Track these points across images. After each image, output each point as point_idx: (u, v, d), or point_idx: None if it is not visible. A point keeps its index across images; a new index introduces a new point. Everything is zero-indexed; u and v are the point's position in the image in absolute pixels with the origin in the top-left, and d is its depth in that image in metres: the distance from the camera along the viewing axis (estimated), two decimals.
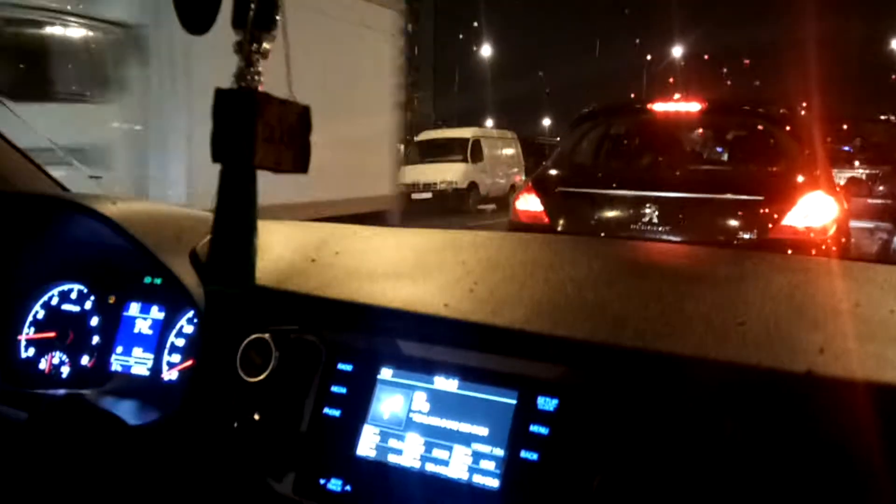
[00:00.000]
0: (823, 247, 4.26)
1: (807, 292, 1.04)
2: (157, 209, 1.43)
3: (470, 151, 19.17)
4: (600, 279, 1.15)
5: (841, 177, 6.79)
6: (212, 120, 0.90)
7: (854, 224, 5.84)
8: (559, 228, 4.74)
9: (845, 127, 8.49)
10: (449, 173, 18.60)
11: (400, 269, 1.25)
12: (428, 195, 18.26)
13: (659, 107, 5.41)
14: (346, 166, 8.08)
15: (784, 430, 0.83)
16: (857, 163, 8.01)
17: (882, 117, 9.56)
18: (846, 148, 8.47)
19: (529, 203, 4.93)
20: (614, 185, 4.81)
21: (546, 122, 57.75)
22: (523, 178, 19.19)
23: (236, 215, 0.95)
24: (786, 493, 0.81)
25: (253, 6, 0.87)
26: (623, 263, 1.25)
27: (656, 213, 4.49)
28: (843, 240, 4.50)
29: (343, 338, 1.11)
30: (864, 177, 7.59)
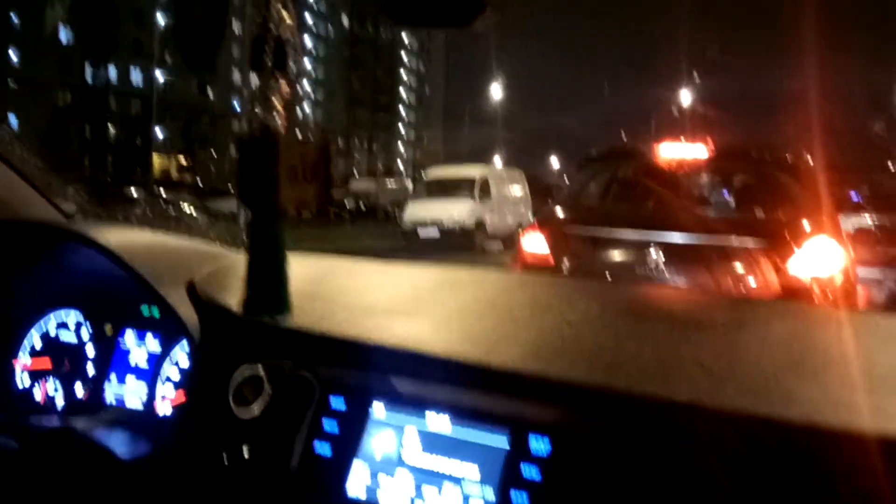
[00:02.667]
0: (830, 295, 4.23)
1: (805, 341, 1.03)
2: (155, 240, 1.43)
3: (478, 189, 19.23)
4: (597, 321, 1.14)
5: (849, 224, 6.79)
6: (238, 167, 0.92)
7: (861, 272, 5.82)
8: (564, 271, 4.74)
9: (852, 175, 8.52)
10: (456, 211, 18.64)
11: (396, 305, 1.25)
12: (435, 233, 18.30)
13: (666, 150, 5.43)
14: None
15: (780, 480, 0.82)
16: (864, 211, 8.01)
17: (890, 166, 9.58)
18: (855, 196, 8.48)
19: (535, 244, 4.93)
20: (620, 227, 4.80)
21: (554, 161, 58.10)
22: (531, 217, 19.25)
23: (269, 252, 0.98)
24: None
25: (268, 49, 0.89)
26: (620, 306, 1.24)
27: (661, 256, 4.48)
28: (851, 289, 4.47)
29: (336, 373, 1.11)
30: (871, 226, 7.58)
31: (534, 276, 1.52)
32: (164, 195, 22.63)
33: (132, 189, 21.90)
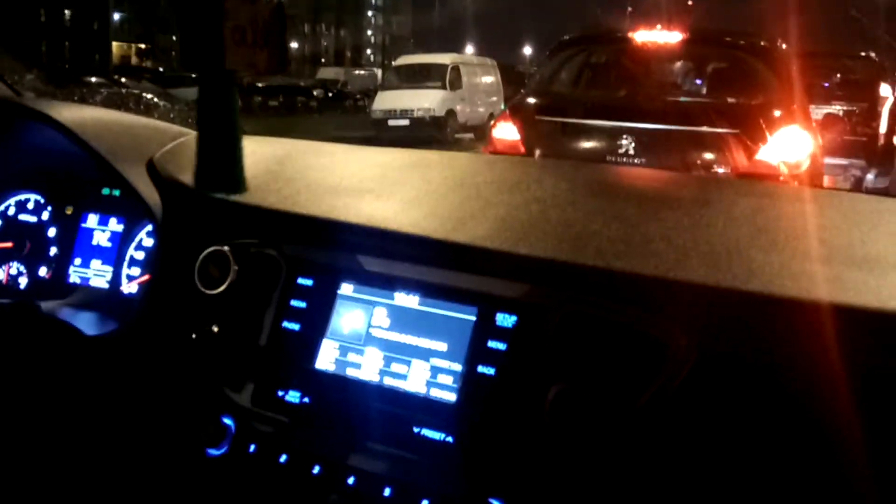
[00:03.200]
0: (796, 182, 4.28)
1: (769, 215, 1.04)
2: (111, 117, 1.38)
3: (448, 78, 18.85)
4: (565, 199, 1.13)
5: (818, 113, 6.79)
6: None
7: (828, 161, 5.87)
8: (536, 158, 4.72)
9: (824, 62, 8.44)
10: (427, 100, 18.31)
11: (363, 184, 1.23)
12: (405, 122, 18.02)
13: (640, 36, 5.32)
14: None
15: (739, 350, 0.84)
16: (834, 100, 7.98)
17: (862, 54, 9.51)
18: (825, 83, 8.43)
19: (507, 132, 4.88)
20: (592, 115, 4.77)
21: (527, 50, 56.91)
22: (503, 107, 19.01)
23: (219, 121, 0.92)
24: (740, 412, 0.83)
25: None
26: (589, 185, 1.24)
27: (633, 144, 4.47)
28: (817, 176, 4.53)
29: (303, 252, 1.10)
30: (841, 113, 7.58)
31: (502, 156, 1.50)
32: (124, 82, 21.88)
33: (91, 77, 21.13)
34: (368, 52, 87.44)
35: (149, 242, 1.36)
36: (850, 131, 7.16)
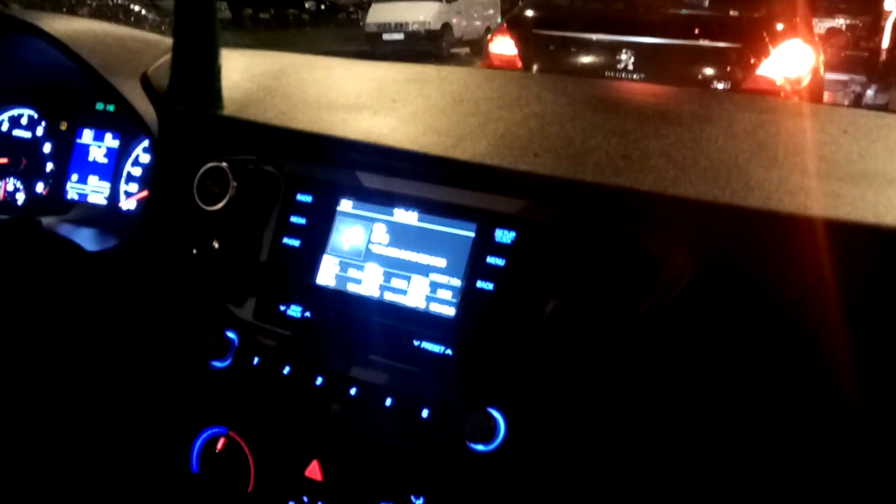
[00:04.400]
0: (797, 98, 4.24)
1: (769, 131, 1.03)
2: (104, 28, 1.35)
3: None
4: (565, 115, 1.13)
5: (821, 26, 6.66)
6: None
7: (829, 76, 5.79)
8: (533, 72, 4.65)
9: None
10: (422, 13, 17.85)
11: (361, 100, 1.22)
12: (399, 36, 17.62)
13: None
14: None
15: (735, 265, 0.85)
16: (837, 13, 7.83)
17: None
18: None
19: (503, 46, 4.79)
20: (591, 28, 4.67)
21: None
22: (500, 21, 18.56)
23: (196, 34, 0.89)
24: (734, 327, 0.84)
25: None
26: (589, 100, 1.22)
27: (632, 58, 4.40)
28: (818, 91, 4.48)
29: (302, 169, 1.10)
30: (843, 27, 7.45)
31: (501, 71, 1.48)
32: None
33: None
34: None
35: (146, 158, 1.36)
36: (853, 46, 7.05)
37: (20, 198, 1.44)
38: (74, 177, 1.41)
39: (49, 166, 1.43)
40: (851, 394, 0.81)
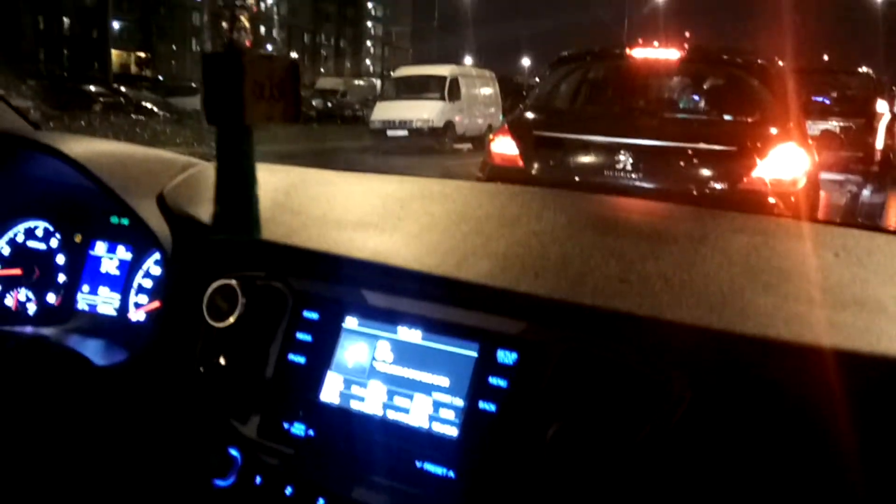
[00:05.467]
0: (793, 199, 4.31)
1: (763, 254, 1.06)
2: (123, 150, 1.41)
3: (447, 89, 18.91)
4: (564, 234, 1.16)
5: (815, 129, 6.83)
6: (202, 83, 0.91)
7: (825, 176, 5.90)
8: (534, 172, 4.75)
9: (820, 78, 8.52)
10: (425, 111, 18.36)
11: (368, 218, 1.26)
12: (404, 132, 18.07)
13: (638, 53, 5.38)
14: None
15: (733, 390, 0.87)
16: (831, 116, 8.04)
17: (859, 70, 9.57)
18: (822, 99, 8.50)
19: (505, 146, 4.92)
20: (590, 130, 4.81)
21: (525, 61, 57.09)
22: (501, 118, 19.07)
23: (238, 170, 0.97)
24: (734, 449, 0.85)
25: None
26: (587, 218, 1.27)
27: (630, 160, 4.50)
28: (813, 193, 4.56)
29: (309, 286, 1.13)
30: (837, 129, 7.63)
31: (503, 186, 1.54)
32: (123, 91, 21.90)
33: (90, 86, 21.16)
34: (368, 62, 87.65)
35: (156, 271, 1.39)
36: (847, 147, 7.20)
37: (31, 308, 1.47)
38: (86, 288, 1.44)
39: (61, 277, 1.46)
40: None
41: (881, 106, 8.34)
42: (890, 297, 0.94)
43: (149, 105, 20.89)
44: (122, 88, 23.33)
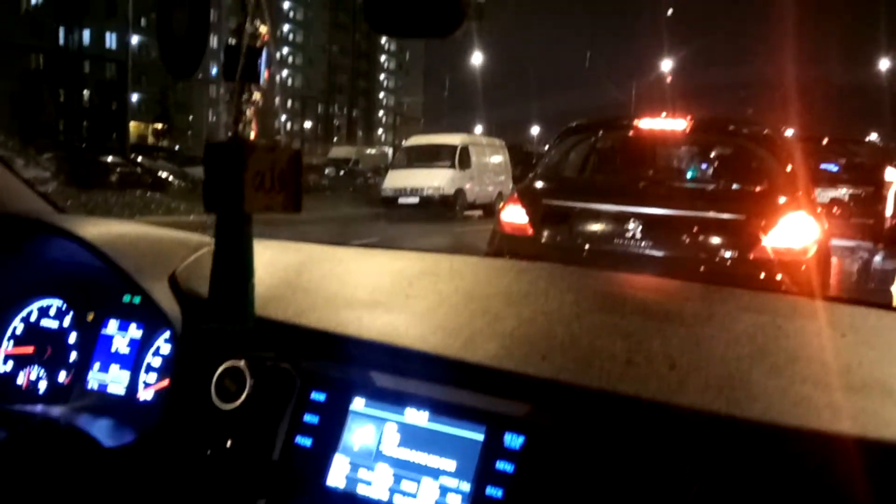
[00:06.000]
0: (804, 267, 4.31)
1: (769, 335, 1.06)
2: (137, 231, 1.44)
3: (458, 158, 19.17)
4: (571, 314, 1.17)
5: (825, 196, 6.87)
6: (203, 172, 0.92)
7: (836, 242, 5.91)
8: (543, 241, 4.78)
9: (829, 147, 8.61)
10: (436, 179, 18.59)
11: (377, 296, 1.27)
12: (415, 200, 18.26)
13: (645, 123, 5.46)
14: None
15: (740, 476, 0.86)
16: (840, 183, 8.11)
17: (866, 139, 9.68)
18: (831, 167, 8.58)
19: (515, 215, 4.96)
20: (599, 199, 4.84)
21: (535, 130, 57.96)
22: (511, 186, 19.26)
23: (233, 259, 0.98)
24: None
25: (241, 60, 0.90)
26: (594, 296, 1.27)
27: (640, 228, 4.52)
28: (824, 260, 4.55)
29: (317, 367, 1.13)
30: (846, 197, 7.68)
31: (510, 262, 1.55)
32: (140, 162, 22.31)
33: (108, 157, 21.58)
34: (380, 131, 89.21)
35: (166, 349, 1.40)
36: (857, 214, 7.23)
37: (42, 386, 1.48)
38: (96, 366, 1.45)
39: (73, 356, 1.47)
40: None
41: (889, 174, 8.40)
42: None
43: (164, 174, 21.26)
44: (140, 158, 23.80)
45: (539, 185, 5.27)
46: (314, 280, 1.36)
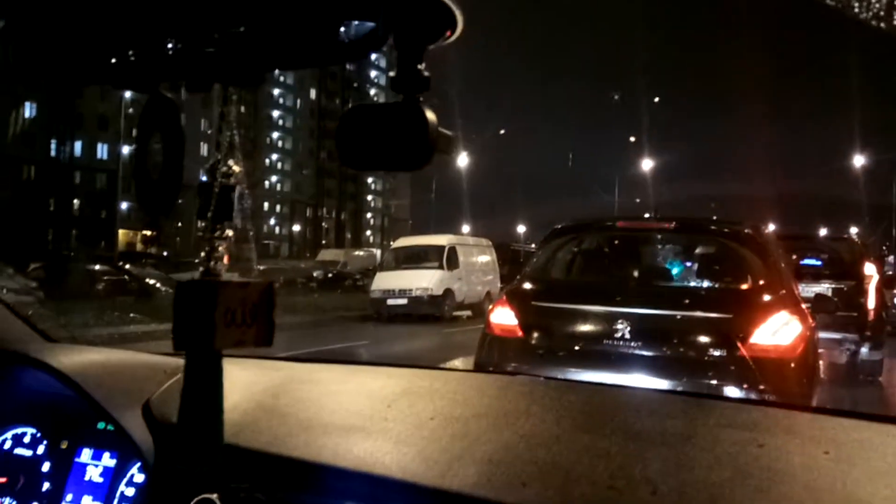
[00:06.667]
0: (793, 364, 4.30)
1: (751, 453, 1.05)
2: (112, 359, 1.43)
3: (446, 258, 19.30)
4: (552, 435, 1.15)
5: (809, 291, 6.94)
6: (173, 311, 0.92)
7: (823, 335, 5.92)
8: (533, 342, 4.77)
9: (810, 244, 8.81)
10: (425, 280, 18.65)
11: (354, 420, 1.25)
12: (403, 301, 18.26)
13: (628, 224, 5.55)
14: None
15: None
16: (823, 279, 8.23)
17: (845, 235, 9.89)
18: (813, 262, 8.71)
19: (504, 317, 4.97)
20: (587, 301, 4.87)
21: (521, 228, 58.72)
22: (499, 285, 19.34)
23: (203, 396, 0.98)
24: None
25: (214, 197, 0.92)
26: (575, 416, 1.26)
27: (628, 329, 4.53)
28: (813, 355, 4.56)
29: (293, 498, 1.11)
30: (830, 292, 7.77)
31: (491, 378, 1.55)
32: (128, 269, 22.34)
33: (95, 265, 21.62)
34: (368, 233, 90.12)
35: (140, 478, 1.36)
36: (841, 308, 7.29)
37: None
38: (69, 496, 1.41)
39: (45, 486, 1.43)
40: None
41: (869, 268, 8.55)
42: (880, 499, 0.92)
43: (152, 281, 21.26)
44: (127, 266, 23.82)
45: (527, 286, 5.30)
46: (291, 403, 1.35)
